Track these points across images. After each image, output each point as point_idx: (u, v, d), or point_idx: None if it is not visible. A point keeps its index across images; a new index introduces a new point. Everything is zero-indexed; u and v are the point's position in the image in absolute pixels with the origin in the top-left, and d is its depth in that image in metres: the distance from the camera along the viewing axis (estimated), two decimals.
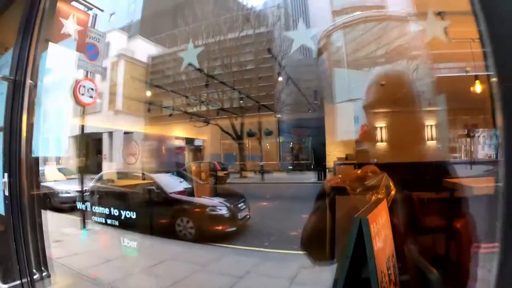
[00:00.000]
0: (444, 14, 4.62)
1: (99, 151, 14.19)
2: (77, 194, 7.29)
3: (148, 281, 4.30)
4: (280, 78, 15.21)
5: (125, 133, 13.58)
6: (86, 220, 6.12)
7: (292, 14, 17.06)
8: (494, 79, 0.99)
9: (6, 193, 2.36)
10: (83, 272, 4.46)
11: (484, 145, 12.38)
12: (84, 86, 5.97)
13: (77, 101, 5.96)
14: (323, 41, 8.11)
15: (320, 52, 9.26)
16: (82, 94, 5.94)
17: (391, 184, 3.44)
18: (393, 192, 3.39)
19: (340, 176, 3.50)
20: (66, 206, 7.59)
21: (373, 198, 3.27)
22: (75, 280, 4.32)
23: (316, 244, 3.42)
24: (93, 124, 12.76)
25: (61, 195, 7.97)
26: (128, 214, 7.06)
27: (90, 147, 14.76)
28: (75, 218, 6.69)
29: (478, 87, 5.61)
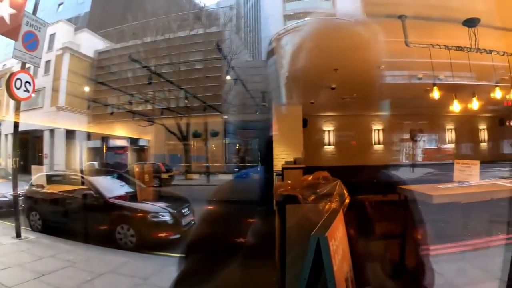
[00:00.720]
0: (406, 18, 4.66)
1: (39, 150, 13.49)
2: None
3: None
4: (228, 77, 15.08)
5: (68, 131, 13.02)
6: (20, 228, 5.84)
7: (244, 16, 17.05)
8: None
9: None
10: None
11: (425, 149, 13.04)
12: (20, 79, 5.47)
13: (12, 95, 5.44)
14: (273, 44, 8.03)
15: (270, 54, 9.21)
16: (18, 88, 5.43)
17: (345, 191, 3.30)
18: (347, 200, 3.27)
19: (290, 182, 3.36)
20: (2, 211, 7.16)
21: (327, 207, 3.13)
22: None
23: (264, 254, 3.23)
24: (34, 121, 12.15)
25: None
26: (63, 221, 6.61)
27: (30, 145, 14.01)
28: (11, 225, 6.27)
29: (434, 94, 5.77)
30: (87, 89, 15.38)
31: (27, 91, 5.60)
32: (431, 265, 4.38)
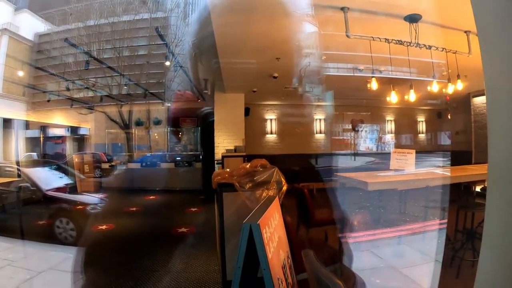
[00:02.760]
0: (347, 10, 4.76)
1: None
2: None
3: None
4: (167, 63, 14.80)
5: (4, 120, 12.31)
6: None
7: (191, 3, 16.74)
8: None
9: None
10: None
11: (366, 139, 13.50)
12: None
13: None
14: None
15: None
16: None
17: (282, 179, 3.39)
18: (284, 188, 3.36)
19: (228, 170, 3.41)
20: None
21: (264, 194, 3.21)
22: None
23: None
24: None
25: None
26: None
27: None
28: None
29: (372, 85, 5.96)
30: (25, 74, 14.58)
31: None
32: (365, 249, 4.60)
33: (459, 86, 6.10)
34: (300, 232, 3.59)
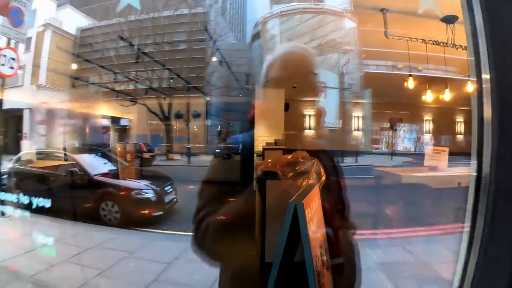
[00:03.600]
0: (386, 11, 4.83)
1: (18, 129, 13.24)
2: None
3: (73, 271, 4.07)
4: (214, 59, 15.07)
5: (48, 110, 12.83)
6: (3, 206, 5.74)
7: None
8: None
9: None
10: (2, 264, 4.15)
11: (404, 139, 13.31)
12: (5, 56, 5.43)
13: None
14: (258, 27, 8.13)
15: (254, 38, 9.29)
16: (3, 65, 5.39)
17: (321, 170, 3.58)
18: (323, 178, 3.54)
19: (271, 160, 3.59)
20: None
21: (304, 183, 3.39)
22: None
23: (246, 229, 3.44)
24: (13, 99, 11.93)
25: None
26: (48, 198, 6.64)
27: (9, 124, 13.76)
28: None
29: (409, 84, 5.98)
30: (69, 67, 15.15)
31: (12, 68, 5.57)
32: (396, 244, 4.66)
33: None
34: (335, 221, 3.74)
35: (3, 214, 5.64)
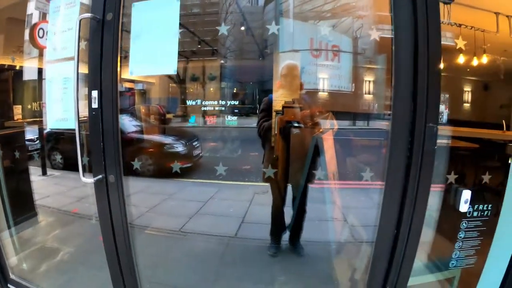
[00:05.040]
0: None
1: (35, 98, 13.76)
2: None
3: (127, 210, 4.78)
4: (227, 23, 15.36)
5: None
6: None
7: None
8: None
9: None
10: (64, 208, 4.88)
11: None
12: (42, 29, 5.91)
13: (35, 44, 5.86)
14: None
15: (268, 1, 9.62)
16: (41, 37, 5.86)
17: (335, 121, 4.29)
18: (336, 127, 4.26)
19: (293, 113, 4.25)
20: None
21: (321, 130, 4.14)
22: (60, 216, 4.77)
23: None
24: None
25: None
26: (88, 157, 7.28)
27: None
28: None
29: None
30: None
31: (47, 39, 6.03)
32: None
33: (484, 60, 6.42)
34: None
35: (44, 174, 6.25)
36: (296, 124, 4.00)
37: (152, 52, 2.70)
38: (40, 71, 6.66)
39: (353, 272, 3.54)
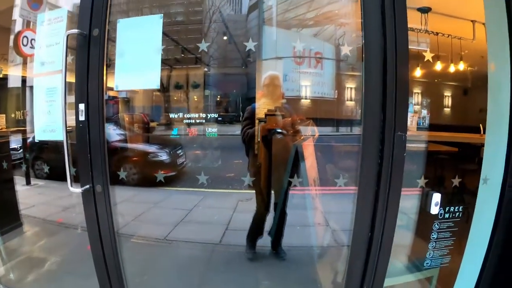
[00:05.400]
0: None
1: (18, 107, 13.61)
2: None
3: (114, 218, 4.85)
4: (212, 30, 15.44)
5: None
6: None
7: None
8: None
9: None
10: (49, 218, 4.93)
11: None
12: (26, 37, 5.93)
13: (19, 52, 5.88)
14: None
15: (251, 9, 9.74)
16: (25, 45, 5.88)
17: (315, 128, 4.46)
18: (317, 135, 4.44)
19: (275, 121, 4.41)
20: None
21: (302, 137, 4.31)
22: (45, 226, 4.82)
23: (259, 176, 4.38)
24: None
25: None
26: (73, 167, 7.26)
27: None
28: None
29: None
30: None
31: (33, 47, 6.06)
32: None
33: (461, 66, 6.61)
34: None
35: (28, 183, 6.21)
36: (279, 130, 4.19)
37: (136, 67, 2.81)
38: (24, 79, 6.67)
39: (335, 275, 3.67)
